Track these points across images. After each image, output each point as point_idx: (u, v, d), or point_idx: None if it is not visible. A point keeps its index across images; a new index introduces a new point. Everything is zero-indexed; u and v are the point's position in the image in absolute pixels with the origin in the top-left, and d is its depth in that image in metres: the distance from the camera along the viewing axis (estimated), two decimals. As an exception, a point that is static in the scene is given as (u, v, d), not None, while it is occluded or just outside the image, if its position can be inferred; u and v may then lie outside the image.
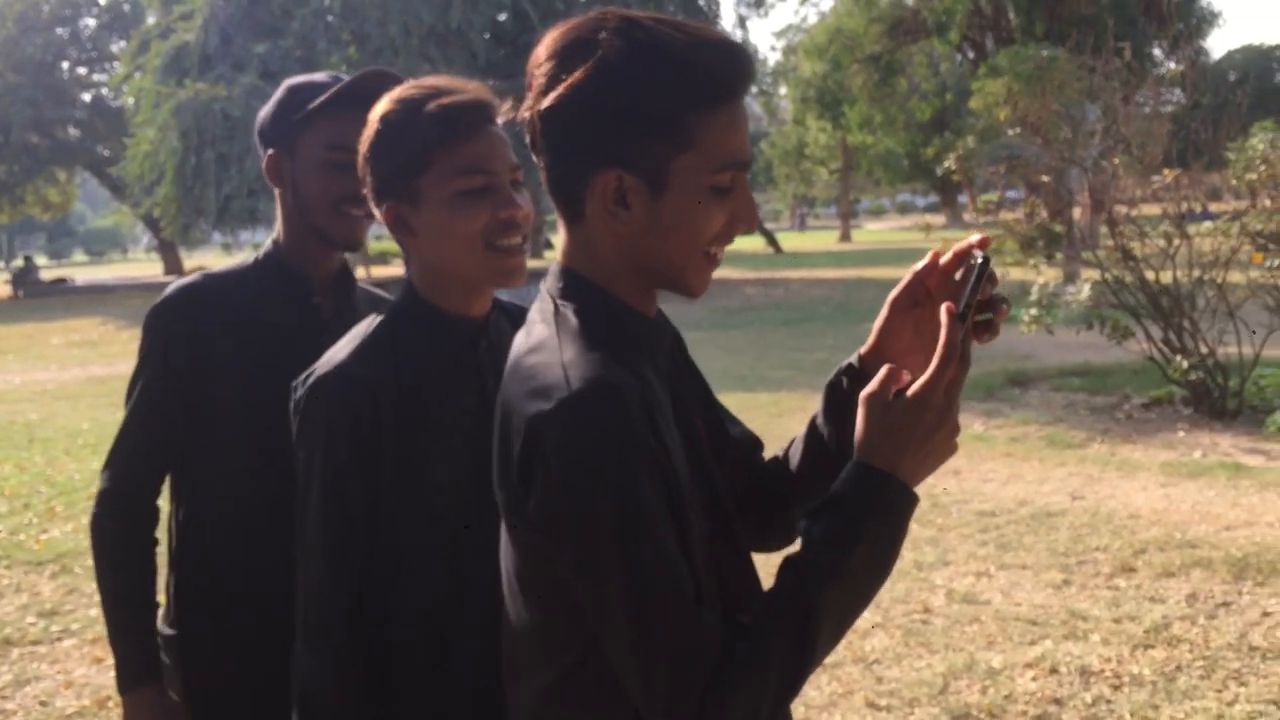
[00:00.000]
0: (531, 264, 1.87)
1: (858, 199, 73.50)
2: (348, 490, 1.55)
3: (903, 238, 44.30)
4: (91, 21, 39.83)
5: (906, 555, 5.25)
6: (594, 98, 1.13)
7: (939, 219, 48.42)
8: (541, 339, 1.18)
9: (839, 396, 1.34)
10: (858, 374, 1.32)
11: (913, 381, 1.16)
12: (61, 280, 38.02)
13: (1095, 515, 5.77)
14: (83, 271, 55.17)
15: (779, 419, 8.31)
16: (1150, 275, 8.39)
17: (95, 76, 40.77)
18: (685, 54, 1.13)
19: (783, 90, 47.03)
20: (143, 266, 56.56)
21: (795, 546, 1.19)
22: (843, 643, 4.34)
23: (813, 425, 1.38)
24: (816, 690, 3.89)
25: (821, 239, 49.17)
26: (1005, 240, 9.77)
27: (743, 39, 32.17)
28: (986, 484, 6.54)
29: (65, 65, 39.73)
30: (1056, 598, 4.66)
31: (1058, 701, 3.71)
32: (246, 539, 1.85)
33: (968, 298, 1.16)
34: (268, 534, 1.76)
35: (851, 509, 1.13)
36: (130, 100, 26.40)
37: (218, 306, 1.87)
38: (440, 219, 1.55)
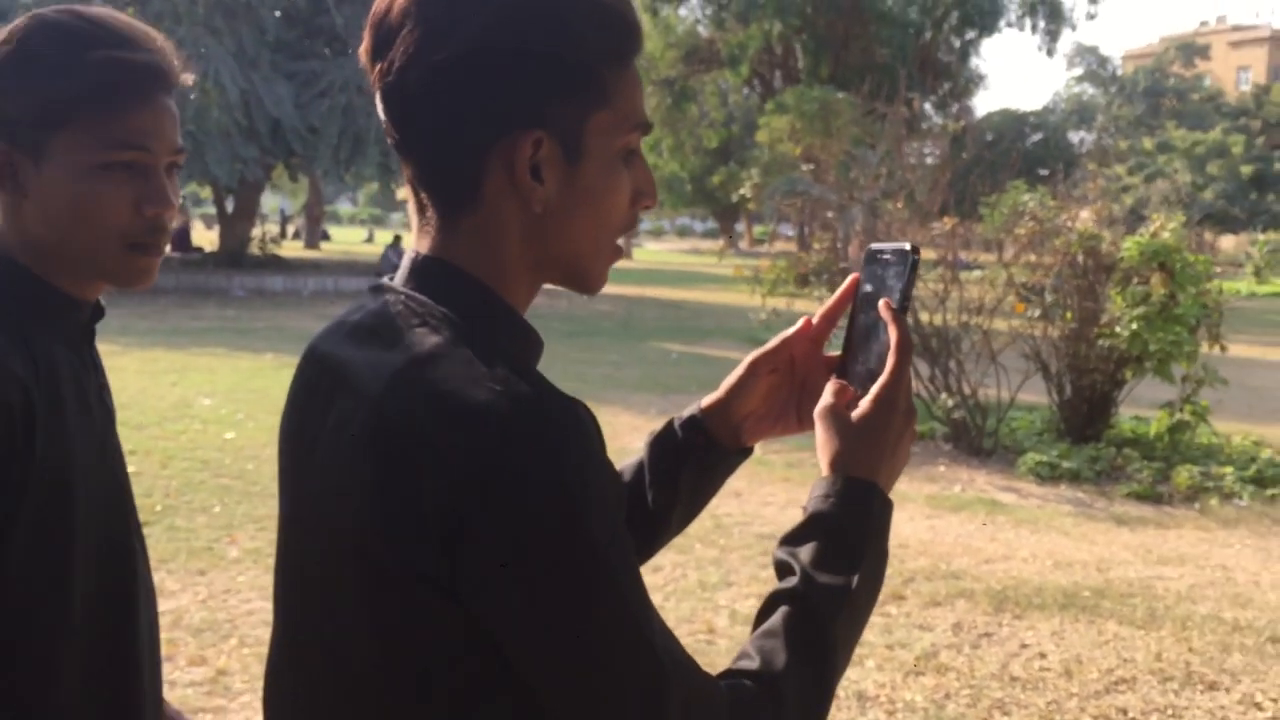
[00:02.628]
0: (308, 254, 1.58)
1: (640, 218, 74.63)
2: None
3: (681, 260, 45.25)
4: None
5: (690, 575, 5.31)
6: (507, 43, 0.93)
7: (717, 244, 49.79)
8: (437, 347, 0.92)
9: (673, 445, 1.21)
10: (699, 426, 1.20)
11: (856, 396, 1.10)
12: None
13: (867, 543, 5.99)
14: None
15: (563, 431, 8.25)
16: (924, 317, 8.83)
17: None
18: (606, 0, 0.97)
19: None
20: None
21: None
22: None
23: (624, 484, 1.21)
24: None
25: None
26: (790, 272, 10.11)
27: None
28: (766, 507, 6.70)
29: None
30: (833, 622, 4.79)
31: (837, 725, 3.81)
32: None
33: (904, 290, 1.10)
34: None
35: (846, 527, 1.02)
36: None
37: None
38: (68, 193, 1.25)
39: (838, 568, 1.01)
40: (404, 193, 1.22)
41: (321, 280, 22.73)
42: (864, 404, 1.07)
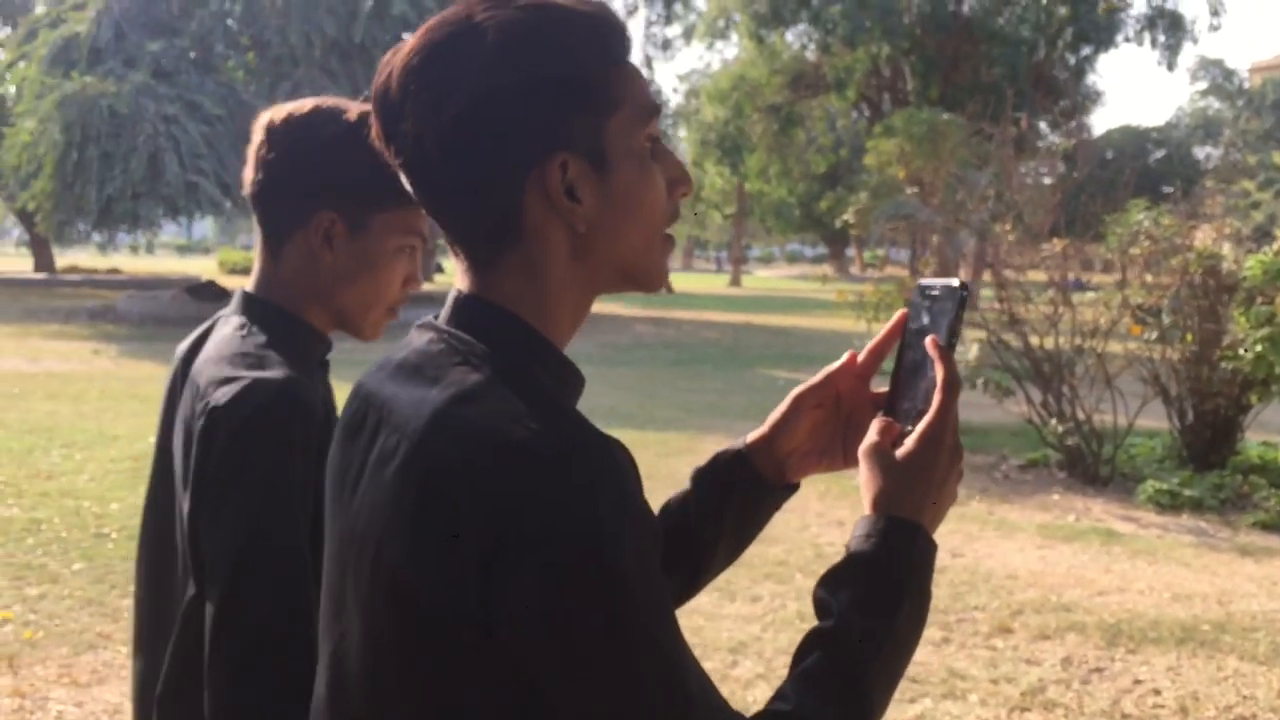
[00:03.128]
0: (421, 287, 1.76)
1: (749, 245, 74.95)
2: (308, 571, 1.29)
3: (790, 286, 44.99)
4: (-24, 5, 38.25)
5: (789, 605, 5.23)
6: (507, 80, 0.94)
7: (825, 270, 49.49)
8: (476, 385, 0.92)
9: (718, 480, 1.19)
10: (744, 461, 1.19)
11: (902, 434, 1.07)
12: (-78, 269, 36.24)
13: (974, 574, 5.84)
14: (-54, 262, 52.75)
15: (666, 459, 8.26)
16: (1035, 340, 8.61)
17: (-24, 61, 39.14)
18: (581, 9, 0.99)
19: (683, 133, 47.54)
20: (11, 261, 54.37)
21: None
22: (724, 693, 4.29)
23: (669, 519, 1.20)
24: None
25: (712, 282, 49.72)
26: (896, 297, 9.96)
27: (649, 79, 32.46)
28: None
29: (-56, 47, 38.07)
30: (936, 655, 4.67)
31: (937, 762, 3.70)
32: None
33: (951, 326, 1.07)
34: None
35: (888, 568, 1.00)
36: (12, 89, 25.39)
37: None
38: (372, 264, 1.50)
39: (877, 610, 0.99)
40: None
41: (435, 311, 23.17)
42: (909, 442, 1.04)
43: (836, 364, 1.17)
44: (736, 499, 1.19)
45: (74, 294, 30.03)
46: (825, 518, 7.01)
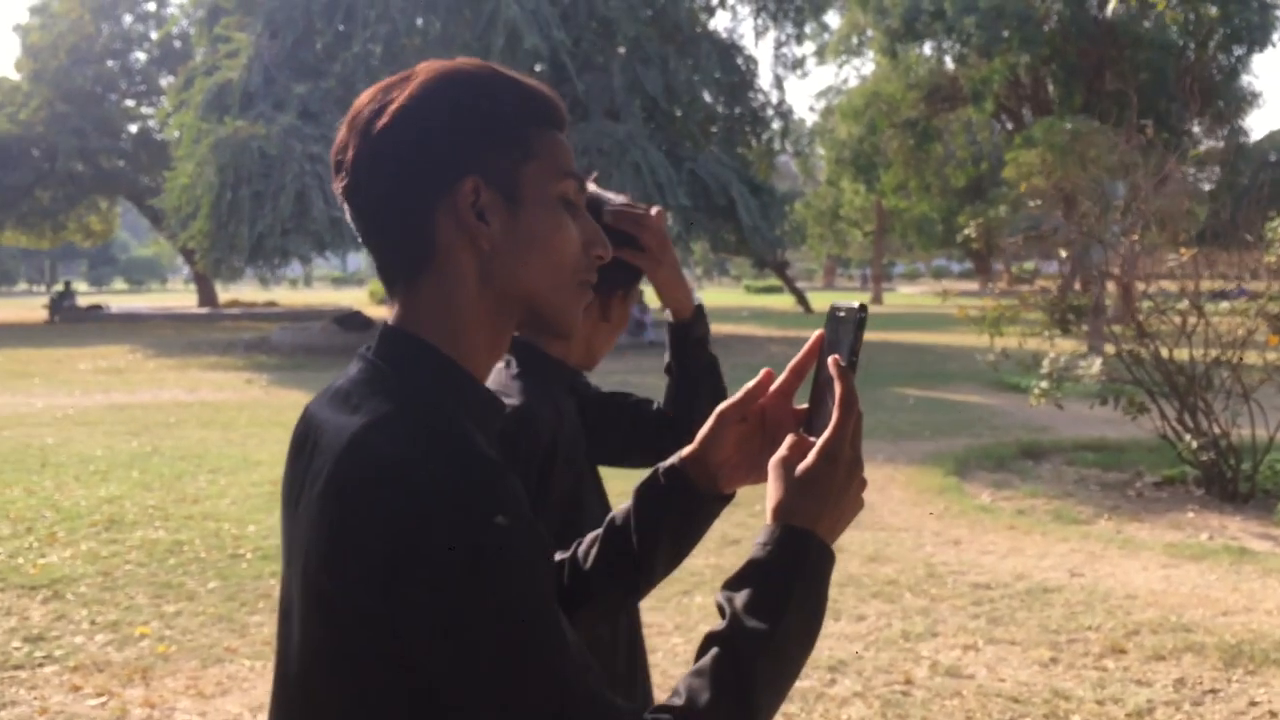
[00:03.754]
0: None
1: (892, 262, 73.88)
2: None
3: (932, 302, 44.10)
4: (142, 56, 40.68)
5: (894, 624, 5.20)
6: (440, 103, 1.07)
7: (970, 285, 48.35)
8: (389, 413, 1.02)
9: (657, 492, 1.27)
10: (680, 474, 1.25)
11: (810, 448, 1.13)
12: (96, 307, 38.53)
13: (1092, 593, 5.69)
14: (120, 299, 55.92)
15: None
16: (1166, 353, 8.33)
17: (143, 109, 41.58)
18: (516, 77, 1.11)
19: (819, 151, 47.21)
20: (179, 297, 57.35)
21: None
22: (819, 710, 4.30)
23: (614, 528, 1.29)
24: (786, 758, 3.83)
25: (853, 299, 49.06)
26: (1020, 311, 9.72)
27: (779, 99, 32.20)
28: (986, 556, 6.47)
29: (114, 97, 40.54)
30: (1042, 676, 4.58)
31: (1030, 783, 3.65)
32: None
33: (852, 346, 1.13)
34: None
35: (777, 573, 1.06)
36: (175, 134, 26.83)
37: None
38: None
39: (765, 613, 1.04)
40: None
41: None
42: (809, 456, 1.11)
43: (753, 381, 1.24)
44: (674, 509, 1.26)
45: (233, 327, 31.56)
46: (941, 537, 6.92)
